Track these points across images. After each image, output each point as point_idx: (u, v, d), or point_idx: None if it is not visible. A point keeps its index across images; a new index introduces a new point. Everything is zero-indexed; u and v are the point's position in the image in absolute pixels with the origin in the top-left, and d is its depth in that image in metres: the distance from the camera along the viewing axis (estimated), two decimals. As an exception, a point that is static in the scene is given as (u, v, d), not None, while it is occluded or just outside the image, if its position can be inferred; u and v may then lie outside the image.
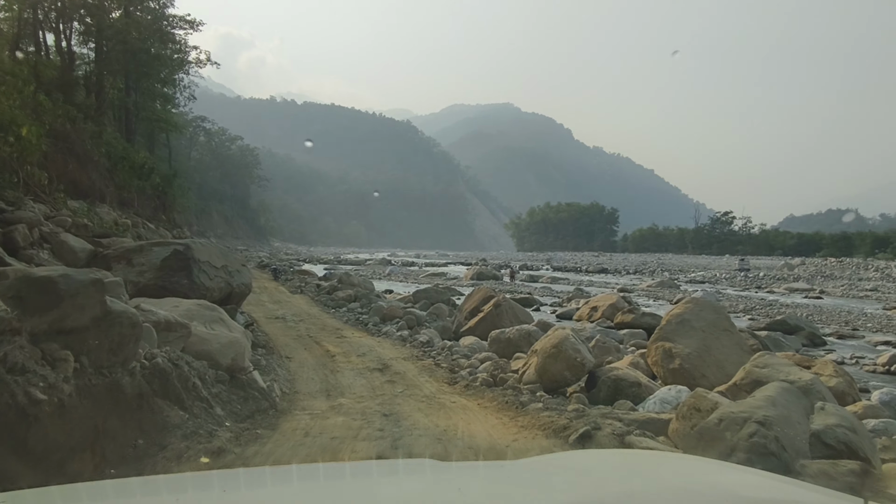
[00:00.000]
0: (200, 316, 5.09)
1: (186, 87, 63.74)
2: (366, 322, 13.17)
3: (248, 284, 9.28)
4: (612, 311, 18.63)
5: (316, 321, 13.39)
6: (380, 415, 5.51)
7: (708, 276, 50.95)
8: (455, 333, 12.40)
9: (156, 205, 27.79)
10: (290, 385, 7.15)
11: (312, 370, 8.10)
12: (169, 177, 31.53)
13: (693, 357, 7.12)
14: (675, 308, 7.87)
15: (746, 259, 69.87)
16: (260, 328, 11.44)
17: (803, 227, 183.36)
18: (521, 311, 12.56)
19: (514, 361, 8.37)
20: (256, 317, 13.48)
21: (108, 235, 9.59)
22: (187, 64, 45.44)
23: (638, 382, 6.33)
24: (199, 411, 3.74)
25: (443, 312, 14.18)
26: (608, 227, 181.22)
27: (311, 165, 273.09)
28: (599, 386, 6.46)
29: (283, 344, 10.06)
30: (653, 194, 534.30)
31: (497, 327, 11.79)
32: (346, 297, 17.12)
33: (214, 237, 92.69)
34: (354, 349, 9.82)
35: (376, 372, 8.06)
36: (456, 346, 10.02)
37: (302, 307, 16.01)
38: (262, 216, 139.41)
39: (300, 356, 9.10)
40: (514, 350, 9.13)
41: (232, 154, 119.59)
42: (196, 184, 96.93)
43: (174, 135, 72.72)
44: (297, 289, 20.69)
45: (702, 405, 3.55)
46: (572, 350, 6.63)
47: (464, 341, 10.86)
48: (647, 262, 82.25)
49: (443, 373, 8.16)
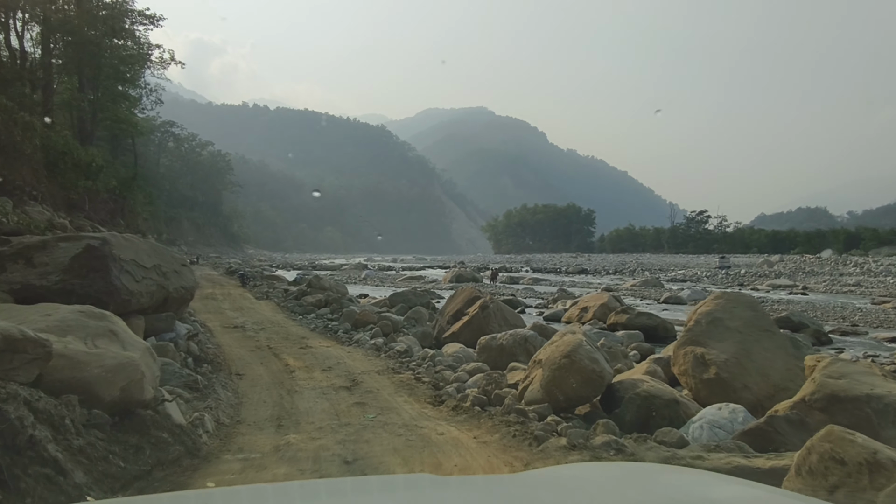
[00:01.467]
0: (80, 328, 3.60)
1: (153, 91, 61.69)
2: (335, 329, 11.67)
3: (189, 288, 7.74)
4: (603, 311, 17.34)
5: (279, 329, 11.86)
6: (339, 461, 4.04)
7: (689, 275, 50.30)
8: (437, 340, 10.97)
9: (112, 209, 25.90)
10: (232, 413, 5.65)
11: (266, 390, 6.61)
12: (127, 180, 29.57)
13: (731, 364, 5.80)
14: (702, 305, 6.53)
15: (727, 257, 69.48)
16: (211, 339, 9.90)
17: (774, 225, 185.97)
18: (510, 313, 11.18)
19: (510, 373, 6.97)
20: (212, 326, 11.93)
21: (21, 233, 7.98)
22: (149, 62, 43.52)
23: (674, 400, 4.96)
24: (35, 484, 2.29)
25: (422, 317, 12.72)
26: (585, 229, 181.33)
27: (285, 172, 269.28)
28: (625, 405, 5.07)
29: (236, 358, 8.55)
30: (627, 195, 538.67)
31: (484, 332, 10.39)
32: (315, 301, 15.58)
33: (185, 244, 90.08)
34: (320, 362, 8.34)
35: (343, 391, 6.60)
36: (439, 356, 8.58)
37: (266, 314, 14.44)
38: (235, 223, 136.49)
39: (254, 372, 7.60)
40: (508, 359, 7.74)
41: (203, 160, 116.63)
42: (165, 191, 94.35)
43: (140, 139, 70.43)
44: (264, 294, 19.09)
45: (847, 454, 2.21)
46: (588, 360, 5.26)
47: (447, 349, 9.44)
48: (625, 262, 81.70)
49: (425, 389, 6.73)
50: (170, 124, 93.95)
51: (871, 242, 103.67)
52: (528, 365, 6.23)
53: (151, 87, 60.15)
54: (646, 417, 4.88)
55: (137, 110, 57.75)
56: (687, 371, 6.02)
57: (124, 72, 35.33)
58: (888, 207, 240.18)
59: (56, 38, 23.70)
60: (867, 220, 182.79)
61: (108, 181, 25.14)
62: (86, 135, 29.52)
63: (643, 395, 4.96)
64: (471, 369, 7.58)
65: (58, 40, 23.85)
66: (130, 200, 30.14)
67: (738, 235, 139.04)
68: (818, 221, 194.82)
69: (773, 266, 62.67)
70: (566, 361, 5.28)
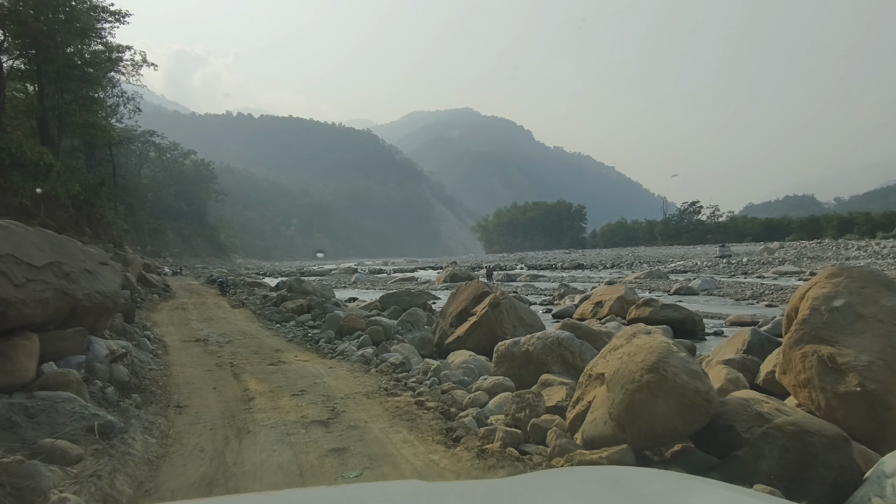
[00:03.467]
0: None
1: (130, 99, 59.46)
2: (316, 339, 9.75)
3: (110, 294, 5.79)
4: (621, 305, 15.50)
5: (250, 342, 9.93)
6: None
7: (689, 266, 48.79)
8: (439, 347, 9.07)
9: (75, 217, 23.79)
10: (144, 474, 3.74)
11: (208, 432, 4.70)
12: (94, 185, 27.36)
13: (879, 370, 3.95)
14: (813, 285, 4.65)
15: (727, 246, 68.00)
16: (158, 358, 7.97)
17: (762, 214, 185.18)
18: (525, 310, 9.29)
19: (547, 392, 5.09)
20: (170, 340, 10.00)
21: None
22: (119, 64, 41.41)
23: (843, 438, 3.07)
24: None
25: (419, 320, 10.79)
26: (576, 224, 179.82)
27: (272, 179, 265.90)
28: (758, 446, 3.18)
29: (183, 382, 6.62)
30: (615, 190, 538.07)
31: (497, 335, 8.51)
32: (295, 307, 13.66)
33: (171, 256, 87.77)
34: (291, 383, 6.42)
35: (316, 428, 4.69)
36: (445, 369, 6.68)
37: (238, 324, 12.51)
38: (222, 233, 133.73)
39: (201, 402, 5.68)
40: (536, 370, 5.86)
41: (186, 169, 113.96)
42: (148, 202, 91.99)
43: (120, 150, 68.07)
44: (240, 302, 17.13)
45: None
46: (687, 375, 3.39)
47: (454, 358, 7.54)
48: (621, 255, 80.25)
49: (431, 420, 4.85)
50: (150, 133, 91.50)
51: (865, 227, 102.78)
52: (581, 381, 4.34)
53: (129, 96, 58.09)
54: (798, 467, 3.01)
55: (115, 119, 55.73)
56: (811, 382, 4.15)
57: (91, 73, 33.13)
58: (875, 192, 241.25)
59: (5, 28, 21.56)
60: (854, 205, 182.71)
61: (69, 186, 22.97)
62: (48, 140, 27.32)
63: (791, 430, 3.07)
64: (489, 386, 5.70)
65: (7, 32, 21.75)
66: (99, 208, 27.94)
67: (731, 225, 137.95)
68: (806, 209, 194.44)
69: (774, 253, 61.32)
70: (652, 378, 3.40)
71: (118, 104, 57.18)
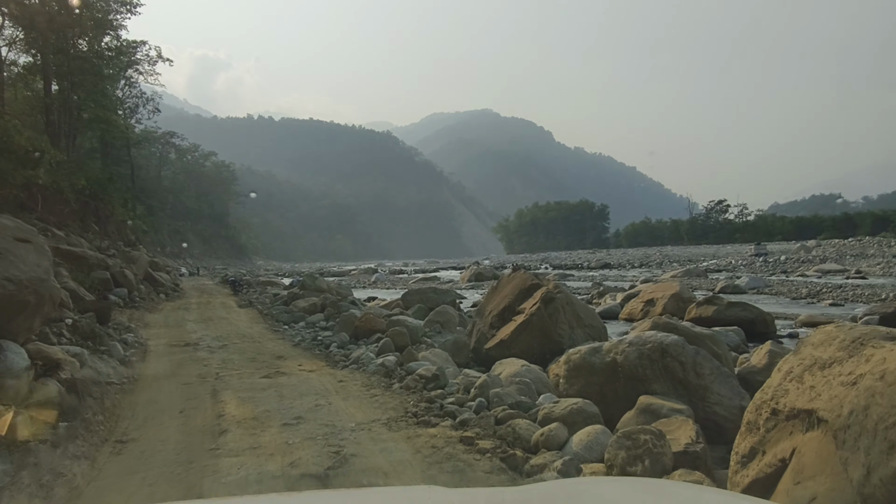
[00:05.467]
0: None
1: (150, 100, 58.76)
2: (327, 343, 8.05)
3: (29, 283, 4.13)
4: (676, 303, 13.59)
5: (249, 346, 8.28)
6: None
7: (722, 265, 46.40)
8: (476, 354, 7.33)
9: (80, 212, 22.43)
10: None
11: (145, 488, 3.02)
12: (102, 180, 26.02)
13: None
14: None
15: (763, 244, 65.28)
16: (126, 369, 6.33)
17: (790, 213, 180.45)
18: (583, 307, 7.49)
19: (662, 427, 3.31)
20: (154, 344, 8.40)
21: None
22: (132, 58, 40.43)
23: None
24: None
25: (450, 319, 9.02)
26: (599, 224, 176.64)
27: (293, 181, 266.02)
28: None
29: (144, 401, 4.97)
30: (637, 191, 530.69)
31: (551, 337, 6.75)
32: (307, 307, 12.02)
33: (191, 257, 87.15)
34: (285, 405, 4.72)
35: (309, 487, 2.98)
36: (494, 385, 4.90)
37: (240, 325, 10.87)
38: (242, 234, 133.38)
39: (155, 434, 4.01)
40: (629, 389, 4.10)
41: (206, 171, 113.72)
42: (169, 203, 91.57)
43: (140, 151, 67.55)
44: (248, 302, 15.53)
45: None
46: None
47: (501, 369, 5.77)
48: (648, 255, 77.67)
49: (489, 473, 3.11)
50: (170, 135, 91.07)
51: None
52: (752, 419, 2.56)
53: (148, 96, 57.36)
54: None
55: (134, 120, 55.10)
56: None
57: (100, 66, 31.99)
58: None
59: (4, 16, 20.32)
60: (883, 203, 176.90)
61: (74, 180, 21.61)
62: (54, 135, 26.08)
63: None
64: (565, 413, 3.93)
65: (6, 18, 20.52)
66: (108, 204, 26.62)
67: (760, 224, 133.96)
68: (833, 208, 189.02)
69: (811, 251, 58.59)
70: None
71: (137, 105, 56.58)
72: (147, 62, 43.88)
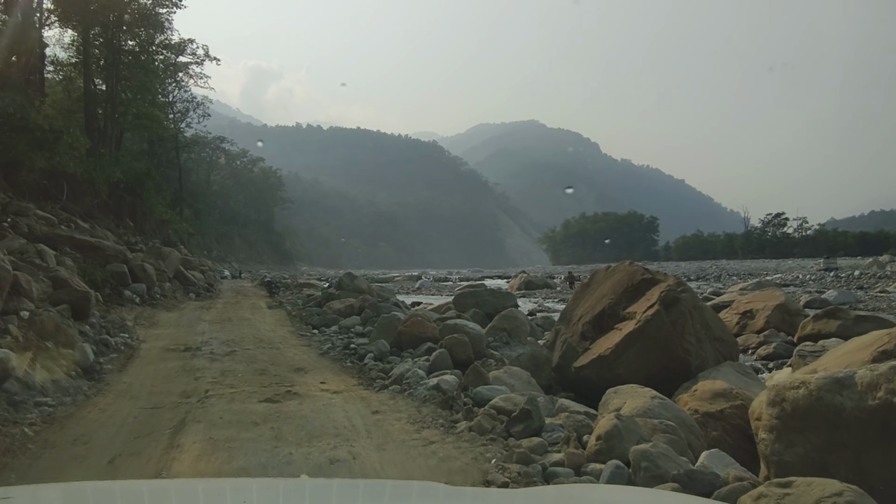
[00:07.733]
0: None
1: (199, 104, 59.01)
2: (362, 352, 6.18)
3: None
4: (781, 316, 11.31)
5: (264, 353, 6.50)
6: None
7: (788, 279, 43.06)
8: (560, 373, 5.34)
9: (114, 206, 21.42)
10: None
11: None
12: (138, 175, 25.04)
13: None
14: None
15: (832, 258, 61.15)
16: (85, 382, 4.59)
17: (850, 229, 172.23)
18: (711, 314, 5.43)
19: None
20: (148, 347, 6.71)
21: None
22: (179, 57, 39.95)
23: None
24: None
25: (520, 327, 7.01)
26: (648, 237, 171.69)
27: (338, 189, 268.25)
28: None
29: (67, 440, 3.17)
30: (686, 204, 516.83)
31: (673, 353, 4.83)
32: (342, 308, 10.22)
33: (236, 261, 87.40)
34: (278, 458, 2.84)
35: None
36: (631, 434, 2.89)
37: (262, 327, 9.15)
38: (287, 240, 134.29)
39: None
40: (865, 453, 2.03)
41: (254, 176, 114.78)
42: (217, 208, 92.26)
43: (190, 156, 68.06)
44: (278, 303, 13.92)
45: None
46: None
47: (620, 402, 3.76)
48: (703, 268, 73.93)
49: None
50: (220, 140, 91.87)
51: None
52: None
53: (198, 101, 57.58)
54: None
55: (184, 124, 55.37)
56: None
57: (147, 61, 31.43)
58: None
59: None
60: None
61: (109, 172, 20.58)
62: (93, 130, 25.18)
63: None
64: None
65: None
66: (146, 201, 25.65)
67: (820, 238, 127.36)
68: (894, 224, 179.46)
69: (885, 267, 54.48)
70: None
71: (187, 108, 56.85)
72: (195, 63, 43.57)
